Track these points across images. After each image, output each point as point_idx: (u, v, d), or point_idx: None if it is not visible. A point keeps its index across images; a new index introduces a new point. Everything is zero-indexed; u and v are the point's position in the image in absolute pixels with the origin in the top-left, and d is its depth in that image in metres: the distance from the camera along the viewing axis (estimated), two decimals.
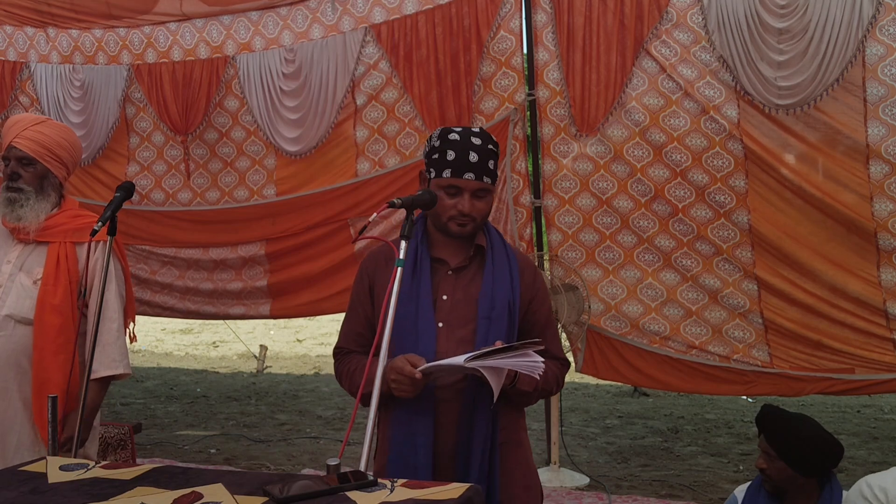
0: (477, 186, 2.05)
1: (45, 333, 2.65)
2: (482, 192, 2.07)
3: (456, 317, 2.04)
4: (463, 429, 2.01)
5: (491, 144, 2.09)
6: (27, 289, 2.68)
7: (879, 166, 3.99)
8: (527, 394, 2.07)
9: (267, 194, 5.17)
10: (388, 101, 4.83)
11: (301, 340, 11.68)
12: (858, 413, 6.81)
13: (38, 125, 2.73)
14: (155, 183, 5.38)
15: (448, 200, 2.06)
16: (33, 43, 5.42)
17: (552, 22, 4.47)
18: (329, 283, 5.04)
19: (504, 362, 1.85)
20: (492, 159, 2.07)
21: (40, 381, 2.65)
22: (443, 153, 2.06)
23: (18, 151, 2.68)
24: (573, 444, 5.62)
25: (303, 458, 5.48)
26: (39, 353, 2.65)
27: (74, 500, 1.52)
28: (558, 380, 2.18)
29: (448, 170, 2.04)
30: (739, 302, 4.32)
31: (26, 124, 2.72)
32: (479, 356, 1.82)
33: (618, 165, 4.45)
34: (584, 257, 4.64)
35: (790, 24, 4.01)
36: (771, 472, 2.61)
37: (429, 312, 2.04)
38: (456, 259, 2.12)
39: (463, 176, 2.04)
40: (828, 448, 2.58)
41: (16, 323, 2.66)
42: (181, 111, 5.19)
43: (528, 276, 2.16)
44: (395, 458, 2.03)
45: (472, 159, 2.03)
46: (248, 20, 5.02)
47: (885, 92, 3.93)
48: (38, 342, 2.65)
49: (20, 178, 2.68)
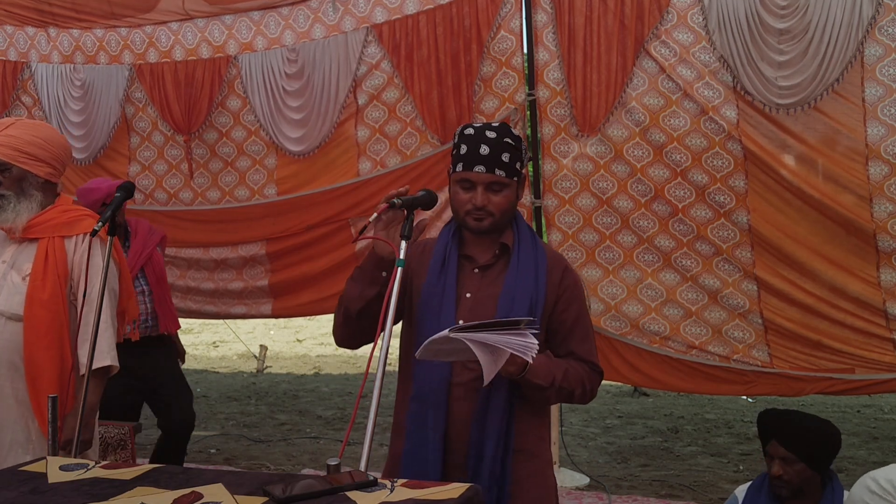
0: (489, 179, 2.03)
1: (35, 329, 2.65)
2: (497, 186, 2.04)
3: (476, 315, 2.01)
4: (476, 429, 1.99)
5: (508, 138, 2.06)
6: (17, 285, 2.68)
7: (879, 167, 3.99)
8: (541, 388, 1.96)
9: (268, 194, 5.17)
10: (389, 101, 4.83)
11: (301, 340, 11.69)
12: (858, 413, 6.81)
13: (6, 129, 2.70)
14: (156, 183, 5.38)
15: (463, 195, 2.05)
16: (34, 43, 5.42)
17: (552, 22, 4.47)
18: (330, 283, 5.04)
19: (491, 337, 1.77)
20: (507, 152, 2.04)
21: (32, 377, 2.65)
22: (458, 148, 2.07)
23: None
24: (573, 444, 5.62)
25: (303, 458, 5.48)
26: (30, 349, 2.65)
27: (74, 500, 1.52)
28: (584, 383, 2.06)
29: (460, 163, 2.05)
30: (739, 302, 4.32)
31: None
32: (466, 328, 1.77)
33: (618, 165, 4.45)
34: (584, 257, 4.64)
35: (791, 25, 4.01)
36: (790, 476, 2.53)
37: (450, 309, 2.03)
38: (483, 257, 2.11)
39: (473, 169, 2.03)
40: (834, 437, 2.57)
41: (6, 320, 2.66)
42: (184, 111, 5.19)
43: (556, 275, 2.11)
44: (409, 448, 2.03)
45: (482, 152, 2.02)
46: (250, 20, 5.02)
47: (884, 92, 3.93)
48: (29, 338, 2.65)
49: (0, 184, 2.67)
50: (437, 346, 1.85)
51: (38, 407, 2.63)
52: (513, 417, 2.01)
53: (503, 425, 1.99)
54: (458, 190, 2.07)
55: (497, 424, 1.98)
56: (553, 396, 2.03)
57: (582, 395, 2.07)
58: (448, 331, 1.76)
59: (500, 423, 1.99)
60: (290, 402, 7.42)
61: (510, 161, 2.05)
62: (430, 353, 1.88)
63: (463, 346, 1.81)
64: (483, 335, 1.77)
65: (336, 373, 9.06)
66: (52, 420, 2.37)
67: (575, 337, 2.10)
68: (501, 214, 2.07)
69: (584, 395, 2.08)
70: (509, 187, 2.07)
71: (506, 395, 2.00)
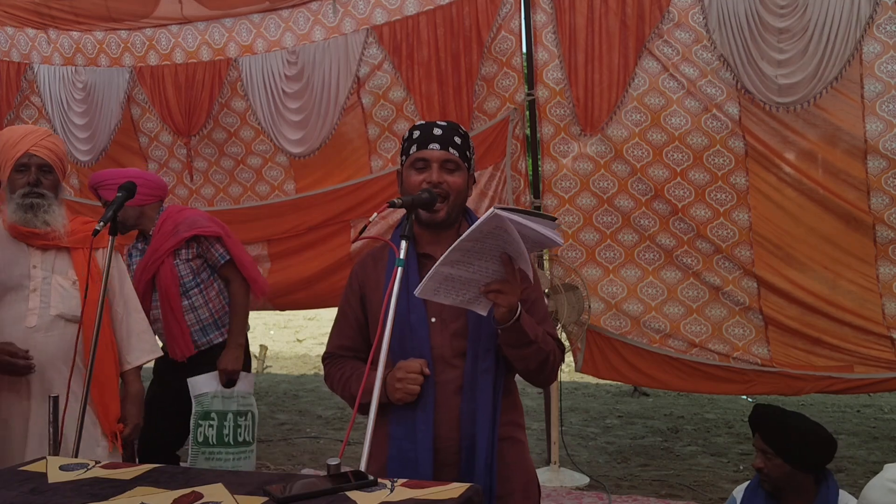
0: (444, 157, 2.04)
1: (93, 330, 2.72)
2: (451, 165, 2.05)
3: (448, 311, 2.02)
4: (466, 426, 2.00)
5: (460, 129, 2.11)
6: (68, 289, 2.78)
7: (877, 161, 4.02)
8: (527, 340, 1.95)
9: (287, 190, 5.18)
10: (396, 100, 4.85)
11: (301, 340, 11.69)
12: (858, 413, 6.81)
13: (48, 137, 2.84)
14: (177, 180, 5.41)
15: (417, 176, 2.05)
16: (35, 44, 5.43)
17: (552, 22, 4.48)
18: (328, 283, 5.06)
19: (530, 223, 1.76)
20: (458, 137, 2.07)
21: (95, 375, 2.72)
22: (409, 137, 2.10)
23: (39, 159, 2.76)
24: (573, 444, 5.62)
25: (303, 458, 5.48)
26: (89, 348, 2.73)
27: (74, 500, 1.52)
28: (554, 352, 2.07)
29: (414, 146, 2.07)
30: (739, 299, 4.34)
31: (41, 135, 2.81)
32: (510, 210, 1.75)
33: (618, 165, 4.46)
34: (585, 257, 4.64)
35: (790, 24, 4.03)
36: (769, 470, 2.61)
37: (420, 308, 2.03)
38: (441, 252, 2.12)
39: (428, 147, 2.05)
40: (822, 441, 2.58)
41: (66, 322, 2.75)
42: (184, 113, 5.20)
43: None
44: (395, 454, 2.02)
45: (436, 133, 2.06)
46: (250, 22, 5.03)
47: (882, 88, 3.96)
48: (88, 338, 2.73)
49: (41, 184, 2.76)
50: (437, 281, 1.83)
51: (102, 403, 2.77)
52: (498, 407, 2.03)
53: (491, 419, 2.01)
54: (412, 173, 2.07)
55: (486, 420, 1.99)
56: (533, 355, 2.00)
57: (553, 364, 2.08)
58: (494, 208, 1.73)
59: (488, 417, 2.00)
60: (290, 402, 7.43)
61: (461, 145, 2.08)
62: (430, 291, 1.86)
63: (465, 277, 1.82)
64: (522, 218, 1.75)
65: None
66: (54, 420, 2.38)
67: (539, 312, 2.10)
68: (456, 195, 2.07)
69: (553, 367, 2.09)
70: (462, 171, 2.08)
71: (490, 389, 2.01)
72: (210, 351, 3.62)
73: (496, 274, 1.86)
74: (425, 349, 2.01)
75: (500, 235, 1.78)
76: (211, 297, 3.63)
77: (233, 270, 3.65)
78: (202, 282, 3.61)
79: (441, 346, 2.02)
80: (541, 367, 2.04)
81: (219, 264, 3.63)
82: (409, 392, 1.97)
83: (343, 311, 2.21)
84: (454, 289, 1.88)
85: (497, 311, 1.90)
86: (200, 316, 3.61)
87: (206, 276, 3.63)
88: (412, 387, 1.96)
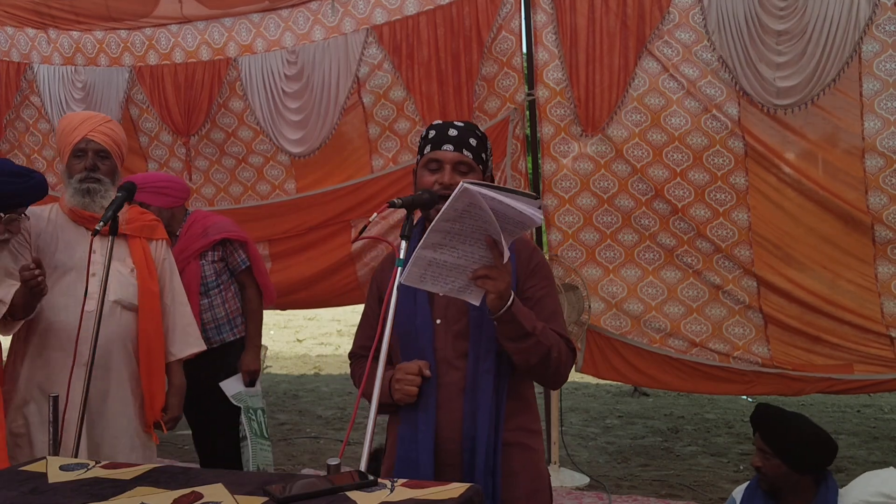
0: (457, 159, 2.05)
1: (151, 319, 2.83)
2: (464, 167, 2.06)
3: (452, 312, 2.03)
4: (467, 428, 1.99)
5: (475, 130, 2.10)
6: (126, 276, 2.81)
7: (875, 160, 4.03)
8: (524, 332, 1.90)
9: (288, 189, 5.18)
10: (396, 100, 4.85)
11: (301, 340, 11.69)
12: (858, 413, 6.81)
13: (107, 122, 2.85)
14: None
15: (430, 177, 2.06)
16: (35, 44, 5.43)
17: (552, 22, 4.48)
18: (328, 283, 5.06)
19: (504, 198, 1.70)
20: (474, 139, 2.08)
21: (147, 362, 2.81)
22: (425, 137, 2.11)
23: (97, 144, 2.78)
24: (573, 444, 5.62)
25: (303, 458, 5.48)
26: (145, 336, 2.81)
27: (74, 500, 1.52)
28: (559, 347, 2.00)
29: (428, 146, 2.08)
30: (739, 298, 4.34)
31: (99, 121, 2.84)
32: (479, 185, 1.69)
33: (618, 165, 4.46)
34: (585, 257, 4.64)
35: (789, 26, 4.03)
36: (767, 469, 2.62)
37: (425, 309, 2.04)
38: None
39: (441, 147, 2.06)
40: (822, 444, 2.59)
41: (122, 309, 2.79)
42: (183, 113, 5.20)
43: (525, 255, 2.11)
44: (402, 454, 2.03)
45: (451, 134, 2.07)
46: (250, 22, 5.02)
47: (880, 86, 3.97)
48: (144, 326, 2.81)
49: (98, 169, 2.78)
50: (422, 267, 1.80)
51: (150, 391, 2.82)
52: (501, 410, 2.02)
53: (493, 423, 2.00)
54: (425, 173, 2.08)
55: (487, 423, 1.98)
56: (532, 348, 1.94)
57: (557, 361, 2.01)
58: (462, 182, 1.68)
59: (489, 421, 1.99)
60: (290, 402, 7.42)
61: (477, 147, 2.08)
62: (416, 277, 1.83)
63: (452, 263, 1.80)
64: (495, 193, 1.69)
65: (336, 373, 9.06)
66: (54, 420, 2.37)
67: (545, 309, 2.06)
68: None
69: (558, 365, 2.02)
70: (475, 173, 2.08)
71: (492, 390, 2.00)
72: (222, 348, 3.80)
73: (483, 259, 1.83)
74: (429, 351, 2.02)
75: (477, 214, 1.73)
76: (228, 297, 3.82)
77: (249, 276, 3.87)
78: (222, 283, 3.80)
79: (444, 348, 2.02)
80: (543, 363, 1.99)
81: (239, 269, 3.83)
82: (407, 393, 1.98)
83: (365, 312, 2.26)
84: (442, 276, 1.84)
85: (487, 298, 1.86)
86: (217, 315, 3.79)
87: (226, 279, 3.83)
88: (409, 388, 1.97)
